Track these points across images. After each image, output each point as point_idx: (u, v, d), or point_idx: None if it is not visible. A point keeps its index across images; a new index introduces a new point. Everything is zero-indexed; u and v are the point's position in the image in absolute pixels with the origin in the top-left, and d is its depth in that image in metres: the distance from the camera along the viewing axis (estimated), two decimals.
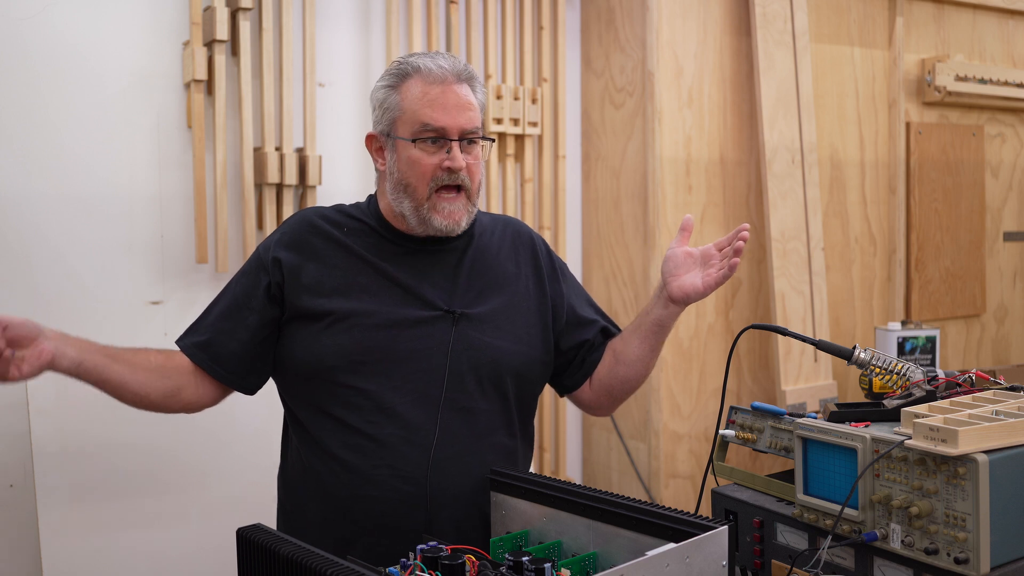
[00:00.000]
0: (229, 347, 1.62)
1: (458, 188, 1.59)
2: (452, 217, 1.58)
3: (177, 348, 1.65)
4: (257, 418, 1.83)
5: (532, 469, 2.43)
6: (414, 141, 1.57)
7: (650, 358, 1.75)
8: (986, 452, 1.18)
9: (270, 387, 1.70)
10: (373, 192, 1.72)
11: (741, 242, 1.64)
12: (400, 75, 1.59)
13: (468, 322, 1.60)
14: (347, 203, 1.73)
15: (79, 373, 1.51)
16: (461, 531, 1.54)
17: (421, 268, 1.62)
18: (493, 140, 1.67)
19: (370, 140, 1.66)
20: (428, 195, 1.57)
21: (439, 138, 1.56)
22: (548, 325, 1.71)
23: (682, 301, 1.67)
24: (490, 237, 1.72)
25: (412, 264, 1.62)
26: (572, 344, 1.76)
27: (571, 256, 3.14)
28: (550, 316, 1.72)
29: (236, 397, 1.71)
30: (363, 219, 1.67)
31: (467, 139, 1.58)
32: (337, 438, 1.56)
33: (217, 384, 1.65)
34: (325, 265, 1.61)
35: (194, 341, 1.64)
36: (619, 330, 1.81)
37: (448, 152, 1.56)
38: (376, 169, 1.68)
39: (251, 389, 1.68)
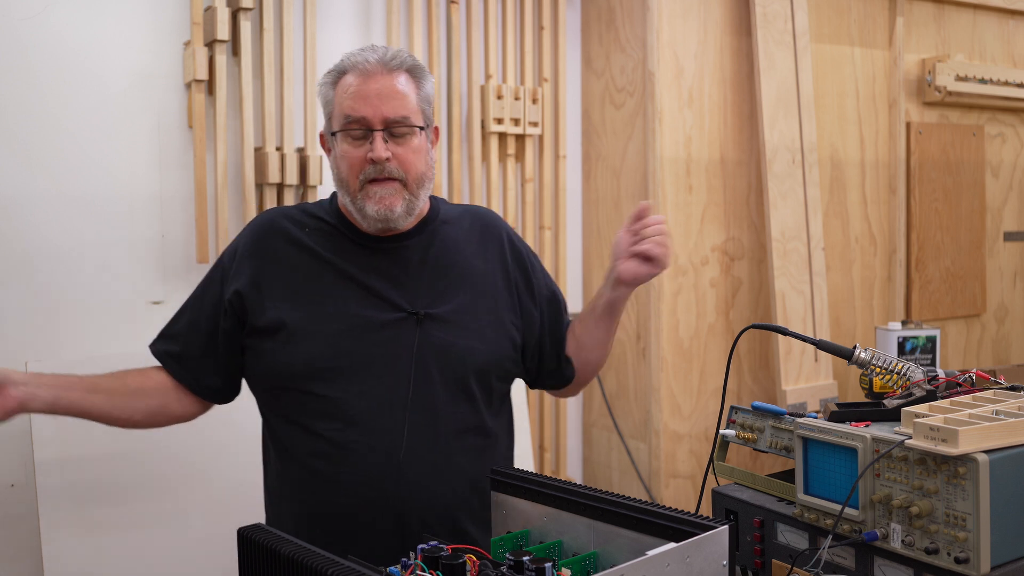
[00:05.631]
0: (202, 362, 1.61)
1: (390, 180, 1.55)
2: (383, 202, 1.54)
3: (156, 363, 1.64)
4: (257, 419, 1.84)
5: (532, 469, 2.43)
6: (337, 134, 1.56)
7: (608, 340, 1.77)
8: (986, 452, 1.18)
9: None
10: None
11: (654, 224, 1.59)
12: (338, 72, 1.58)
13: (433, 322, 1.57)
14: (312, 200, 1.72)
15: (55, 411, 1.52)
16: (434, 535, 1.53)
17: (383, 267, 1.60)
18: (422, 128, 1.58)
19: (322, 139, 1.66)
20: (360, 187, 1.55)
21: (361, 129, 1.54)
22: (516, 323, 1.68)
23: (631, 283, 1.66)
24: (456, 231, 1.68)
25: (374, 263, 1.60)
26: (551, 348, 1.75)
27: (571, 256, 3.14)
28: (519, 312, 1.69)
29: (237, 398, 1.72)
30: (325, 218, 1.65)
31: (391, 129, 1.54)
32: (305, 446, 1.55)
33: (198, 398, 1.66)
34: (287, 270, 1.59)
35: (169, 351, 1.64)
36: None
37: (372, 143, 1.53)
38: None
39: (228, 399, 1.68)
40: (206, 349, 1.61)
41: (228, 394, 1.68)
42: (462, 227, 1.69)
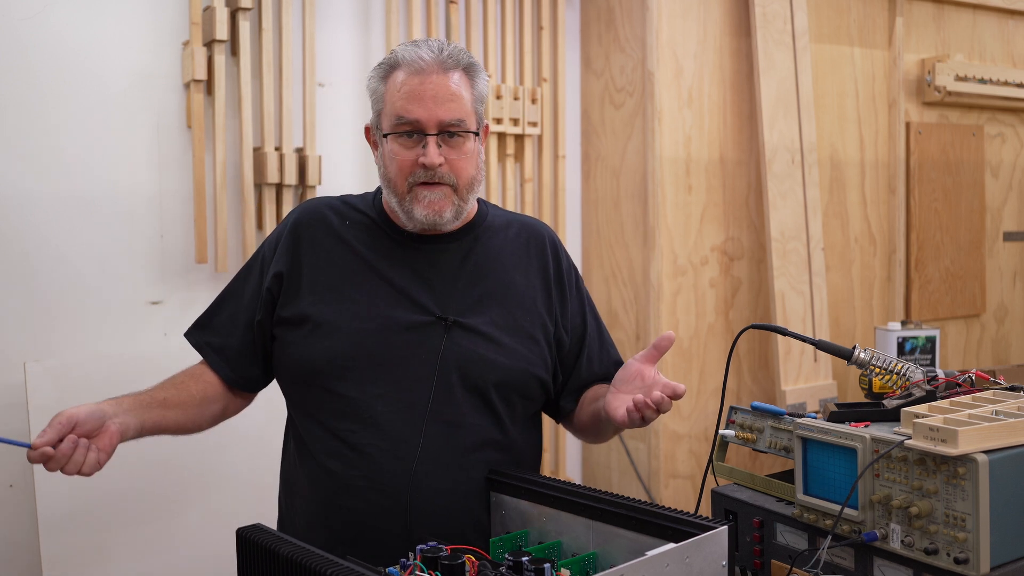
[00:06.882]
0: (244, 354, 1.60)
1: (440, 184, 1.50)
2: (433, 207, 1.49)
3: (202, 364, 1.62)
4: (258, 420, 1.83)
5: None
6: (389, 135, 1.51)
7: (593, 437, 1.70)
8: (986, 452, 1.18)
9: (269, 389, 1.70)
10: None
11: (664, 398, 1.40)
12: (388, 66, 1.52)
13: (462, 331, 1.51)
14: (356, 193, 1.67)
15: (141, 435, 1.49)
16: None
17: (419, 268, 1.55)
18: (476, 133, 1.52)
19: (367, 132, 1.62)
20: (408, 190, 1.50)
21: (415, 132, 1.48)
22: (551, 343, 1.62)
23: (614, 418, 1.46)
24: (501, 240, 1.62)
25: (411, 263, 1.56)
26: (571, 364, 1.67)
27: (571, 256, 3.14)
28: (553, 334, 1.63)
29: None
30: (366, 211, 1.60)
31: (446, 132, 1.48)
32: (321, 444, 1.52)
33: (246, 392, 1.66)
34: (322, 261, 1.56)
35: (210, 343, 1.61)
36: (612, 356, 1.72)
37: (424, 147, 1.48)
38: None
39: (265, 386, 1.67)
40: (246, 341, 1.59)
41: (266, 382, 1.66)
42: (507, 236, 1.64)
